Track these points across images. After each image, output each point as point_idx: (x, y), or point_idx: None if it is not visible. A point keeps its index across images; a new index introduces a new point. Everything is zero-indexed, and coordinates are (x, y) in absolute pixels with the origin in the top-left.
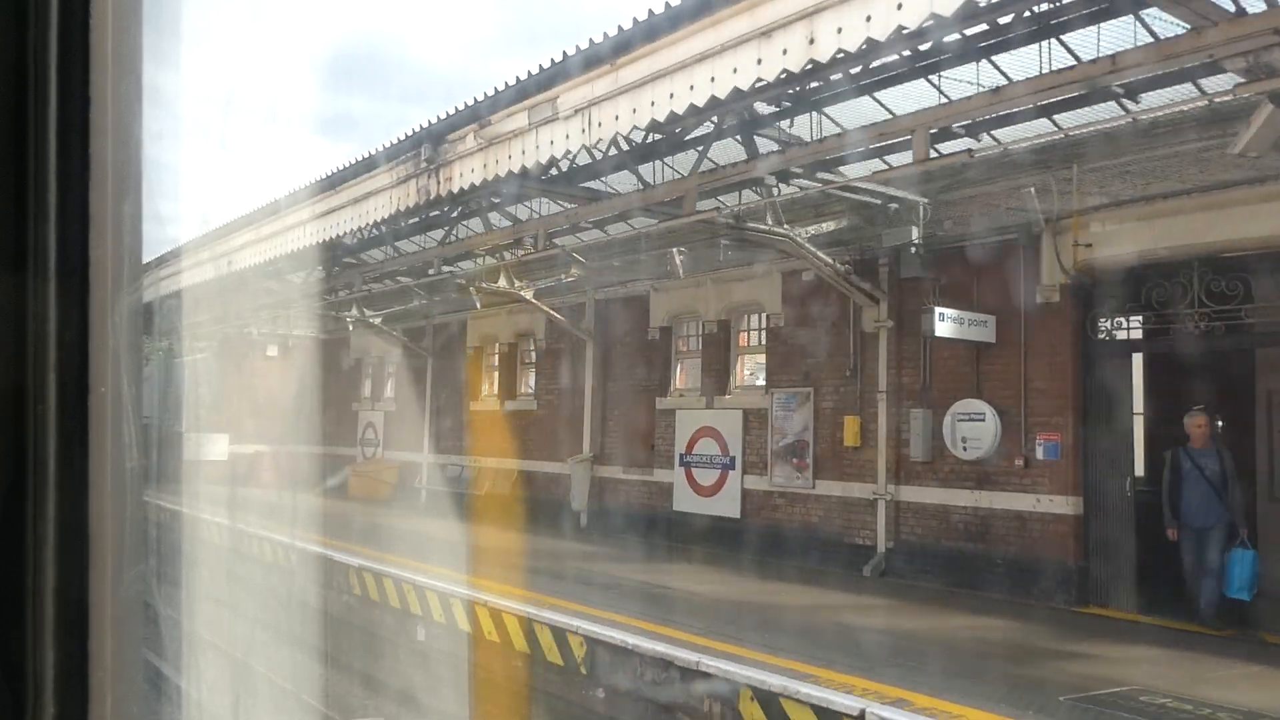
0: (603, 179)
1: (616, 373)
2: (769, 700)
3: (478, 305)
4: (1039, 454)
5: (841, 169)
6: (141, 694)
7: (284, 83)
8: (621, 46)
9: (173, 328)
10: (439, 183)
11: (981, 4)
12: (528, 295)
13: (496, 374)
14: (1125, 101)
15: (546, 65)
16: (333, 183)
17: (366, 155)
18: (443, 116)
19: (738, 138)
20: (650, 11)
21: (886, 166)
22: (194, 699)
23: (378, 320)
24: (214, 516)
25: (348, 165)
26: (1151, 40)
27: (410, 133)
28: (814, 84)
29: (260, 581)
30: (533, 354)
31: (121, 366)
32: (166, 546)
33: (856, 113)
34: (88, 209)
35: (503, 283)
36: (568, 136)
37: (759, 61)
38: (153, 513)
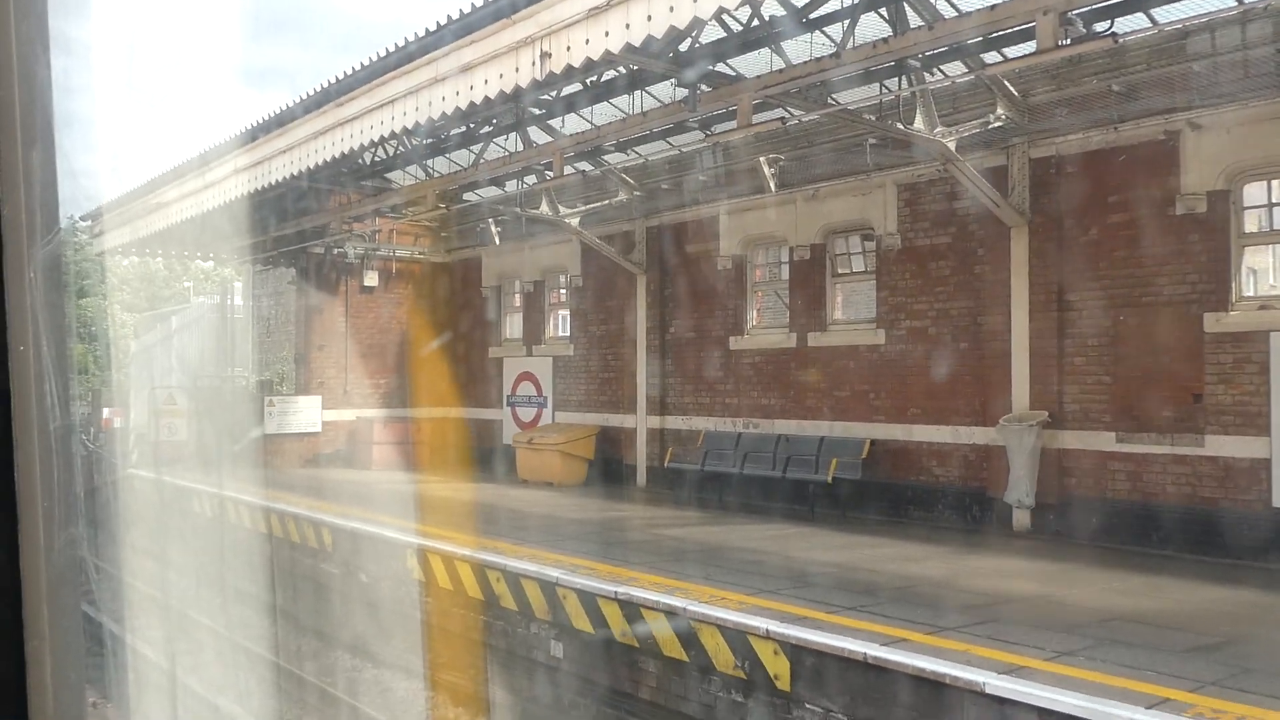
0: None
1: (1081, 274)
2: None
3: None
4: None
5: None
6: (81, 658)
7: (208, 32)
8: None
9: (223, 250)
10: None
11: None
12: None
13: (784, 294)
14: None
15: None
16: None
17: None
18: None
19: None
20: None
21: None
22: None
23: (575, 221)
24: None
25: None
26: None
27: None
28: None
29: None
30: (858, 260)
31: (41, 323)
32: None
33: None
34: None
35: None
36: None
37: None
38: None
